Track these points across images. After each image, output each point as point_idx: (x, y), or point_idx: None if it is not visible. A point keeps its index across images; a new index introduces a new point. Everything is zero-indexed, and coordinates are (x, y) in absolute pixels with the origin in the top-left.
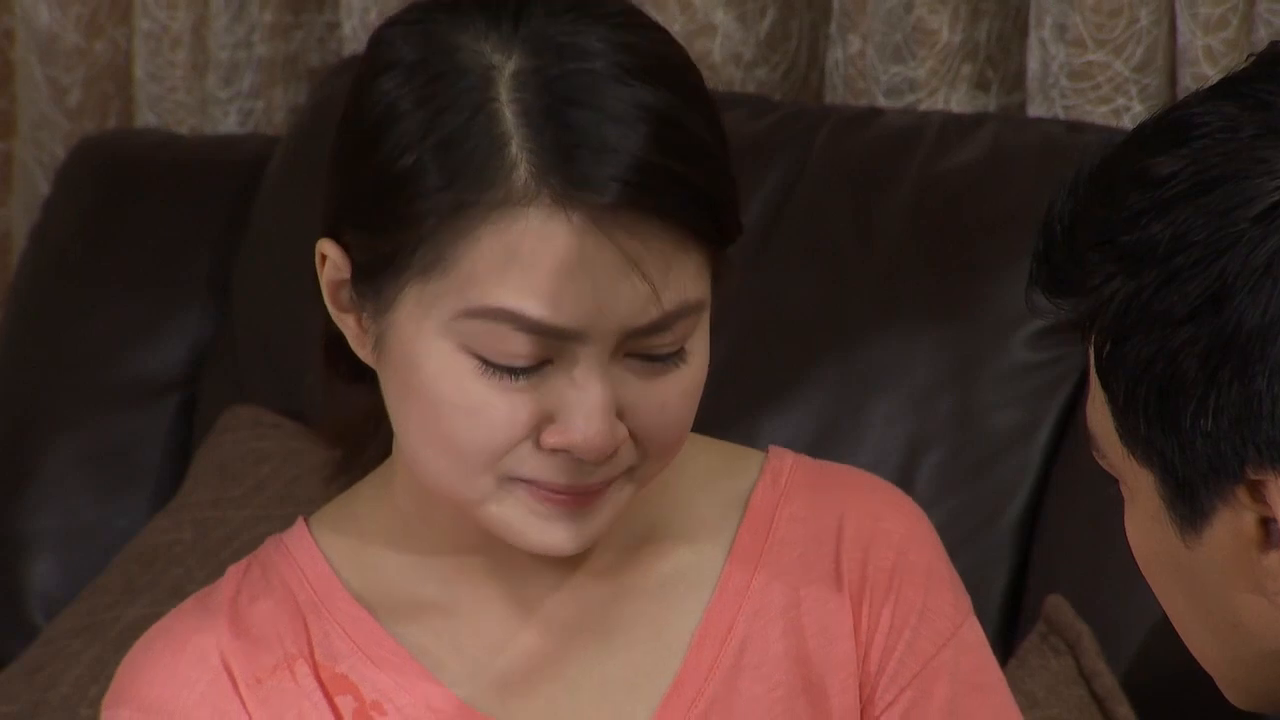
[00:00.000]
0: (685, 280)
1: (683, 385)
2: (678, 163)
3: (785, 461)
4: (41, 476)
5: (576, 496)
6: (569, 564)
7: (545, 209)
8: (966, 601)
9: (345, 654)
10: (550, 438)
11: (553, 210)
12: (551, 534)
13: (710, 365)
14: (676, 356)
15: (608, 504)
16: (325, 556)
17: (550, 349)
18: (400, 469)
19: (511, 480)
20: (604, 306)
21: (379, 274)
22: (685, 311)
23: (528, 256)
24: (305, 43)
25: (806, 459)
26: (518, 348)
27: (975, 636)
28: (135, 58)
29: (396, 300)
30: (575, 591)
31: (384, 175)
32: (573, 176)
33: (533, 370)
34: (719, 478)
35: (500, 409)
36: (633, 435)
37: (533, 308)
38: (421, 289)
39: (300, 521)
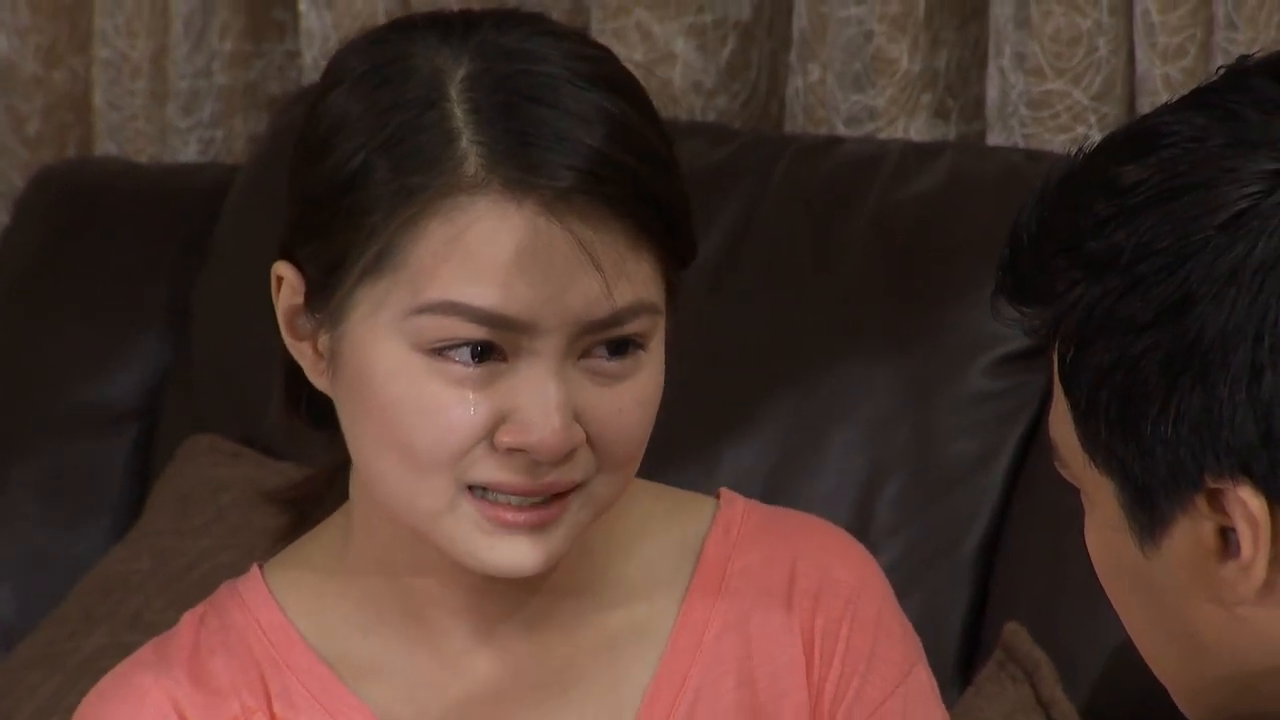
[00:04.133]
0: (640, 280)
1: (638, 393)
2: (631, 159)
3: (736, 509)
4: None
5: (530, 514)
6: (524, 621)
7: (495, 197)
8: (916, 648)
9: (304, 707)
10: (505, 436)
11: (503, 198)
12: (507, 552)
13: (668, 393)
14: (632, 360)
15: (563, 525)
16: (281, 607)
17: (503, 342)
18: (356, 511)
19: (468, 492)
20: (555, 297)
21: (330, 283)
22: (640, 310)
23: (476, 245)
24: (265, 72)
25: (757, 505)
26: (469, 338)
27: (924, 683)
28: (95, 86)
29: (348, 307)
30: (532, 648)
31: (333, 179)
32: (524, 164)
33: (486, 366)
34: (670, 527)
35: (455, 409)
36: (590, 442)
37: (481, 297)
38: (371, 289)
39: (255, 569)
